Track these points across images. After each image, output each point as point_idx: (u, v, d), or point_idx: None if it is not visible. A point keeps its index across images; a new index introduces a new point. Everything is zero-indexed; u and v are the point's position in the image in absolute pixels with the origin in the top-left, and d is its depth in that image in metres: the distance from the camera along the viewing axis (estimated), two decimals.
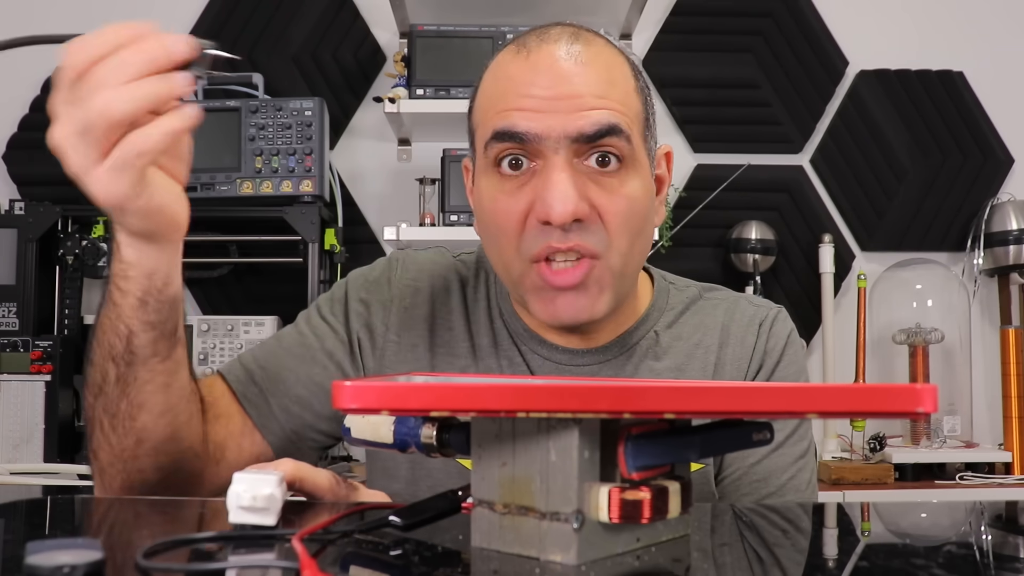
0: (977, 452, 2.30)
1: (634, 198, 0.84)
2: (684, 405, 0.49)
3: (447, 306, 0.97)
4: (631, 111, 0.85)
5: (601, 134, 0.81)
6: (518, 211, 0.83)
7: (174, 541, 0.55)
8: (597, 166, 0.82)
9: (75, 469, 1.93)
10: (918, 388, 0.48)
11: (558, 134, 0.81)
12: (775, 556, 0.57)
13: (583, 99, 0.81)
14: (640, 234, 0.86)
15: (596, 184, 0.82)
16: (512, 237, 0.84)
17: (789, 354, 0.97)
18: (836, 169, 2.57)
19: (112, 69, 0.64)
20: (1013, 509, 0.76)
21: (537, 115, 0.81)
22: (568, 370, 0.94)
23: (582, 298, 0.84)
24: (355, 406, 0.50)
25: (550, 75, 0.82)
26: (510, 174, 0.83)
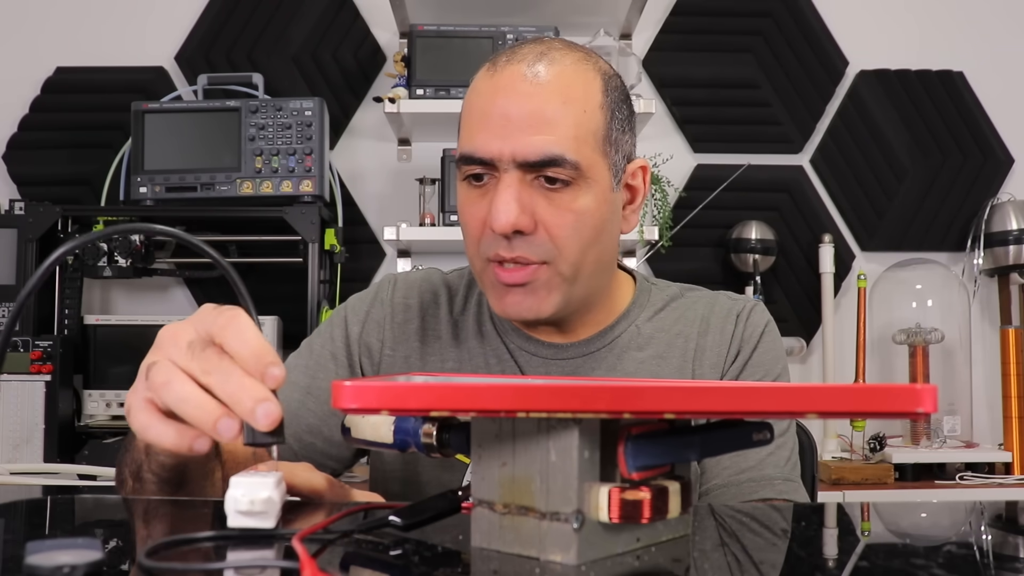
0: (977, 452, 2.30)
1: (583, 212, 0.90)
2: (684, 405, 0.49)
3: (436, 317, 1.04)
4: (584, 131, 0.90)
5: (543, 164, 0.88)
6: (479, 217, 0.92)
7: (175, 541, 0.55)
8: (546, 184, 0.89)
9: (75, 469, 1.93)
10: (918, 388, 0.48)
11: (508, 158, 0.88)
12: (775, 556, 0.58)
13: (532, 126, 0.88)
14: (593, 243, 0.92)
15: (545, 199, 0.90)
16: (475, 238, 0.93)
17: (766, 342, 1.02)
18: (836, 169, 2.57)
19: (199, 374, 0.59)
20: (1013, 509, 0.76)
21: (492, 139, 0.89)
22: (553, 364, 1.00)
23: (529, 297, 0.92)
24: (355, 406, 0.50)
25: (508, 98, 0.89)
26: (475, 185, 0.93)
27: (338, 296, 2.37)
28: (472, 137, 0.91)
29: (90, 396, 2.20)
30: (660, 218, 2.33)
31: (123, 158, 2.39)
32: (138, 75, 2.49)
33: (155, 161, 2.21)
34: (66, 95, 2.49)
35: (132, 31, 2.53)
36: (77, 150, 2.47)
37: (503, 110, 0.89)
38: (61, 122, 2.48)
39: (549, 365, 0.99)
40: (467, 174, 0.93)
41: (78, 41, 2.52)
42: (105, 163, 2.42)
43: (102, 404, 2.20)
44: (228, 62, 2.50)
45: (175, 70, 2.51)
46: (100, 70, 2.49)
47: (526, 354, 1.00)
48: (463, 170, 0.93)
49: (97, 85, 2.48)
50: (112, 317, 2.28)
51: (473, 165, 0.91)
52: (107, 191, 2.40)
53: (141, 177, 2.20)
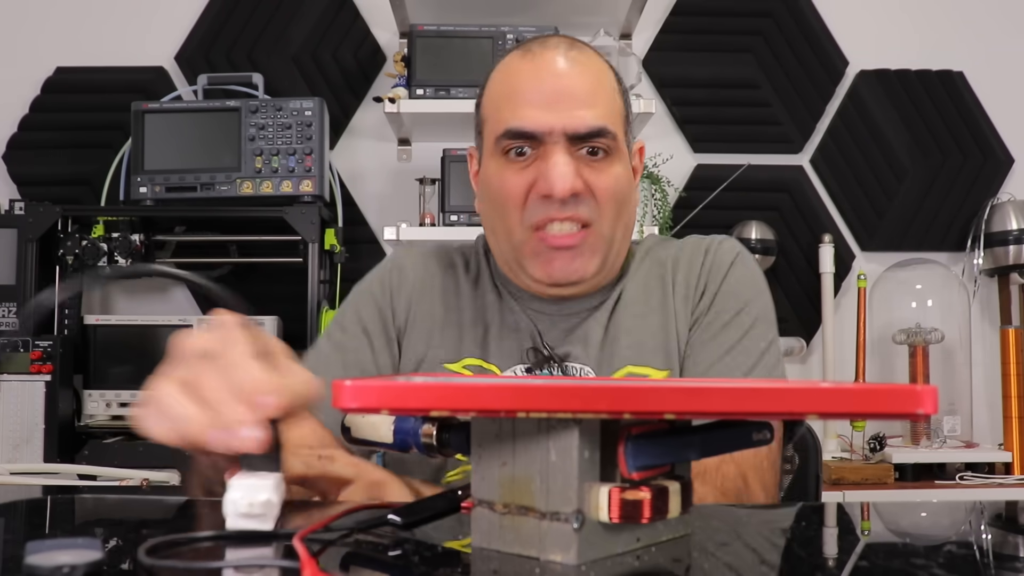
0: (977, 452, 2.30)
1: (618, 178, 1.01)
2: (684, 405, 0.49)
3: (454, 279, 1.10)
4: (616, 111, 1.01)
5: (592, 135, 0.98)
6: (523, 185, 0.98)
7: (175, 540, 0.55)
8: (588, 155, 0.99)
9: (75, 469, 1.93)
10: (918, 389, 0.48)
11: (559, 131, 0.97)
12: (775, 556, 0.58)
13: (578, 100, 0.97)
14: (624, 208, 1.02)
15: (588, 167, 0.99)
16: (517, 207, 0.99)
17: (737, 271, 1.06)
18: (836, 169, 2.57)
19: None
20: (1013, 509, 0.76)
21: (542, 115, 0.97)
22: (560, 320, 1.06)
23: (577, 258, 1.00)
24: (355, 406, 0.50)
25: (551, 77, 0.98)
26: (517, 159, 0.99)
27: (338, 296, 2.37)
28: (519, 113, 0.98)
29: (90, 396, 2.20)
30: (660, 218, 2.33)
31: (123, 158, 2.39)
32: (138, 75, 2.49)
33: (155, 161, 2.21)
34: (66, 95, 2.49)
35: (132, 31, 2.53)
36: (77, 150, 2.47)
37: (552, 87, 0.97)
38: (61, 122, 2.48)
39: (555, 320, 1.05)
40: (510, 148, 0.99)
41: (78, 41, 2.52)
42: (105, 163, 2.42)
43: (102, 404, 2.20)
44: (228, 62, 2.50)
45: (175, 70, 2.51)
46: (100, 70, 2.49)
47: (533, 311, 1.06)
48: (505, 144, 0.99)
49: (97, 85, 2.48)
50: (112, 317, 2.28)
51: (519, 140, 0.98)
52: (107, 191, 2.40)
53: (141, 177, 2.20)
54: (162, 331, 2.24)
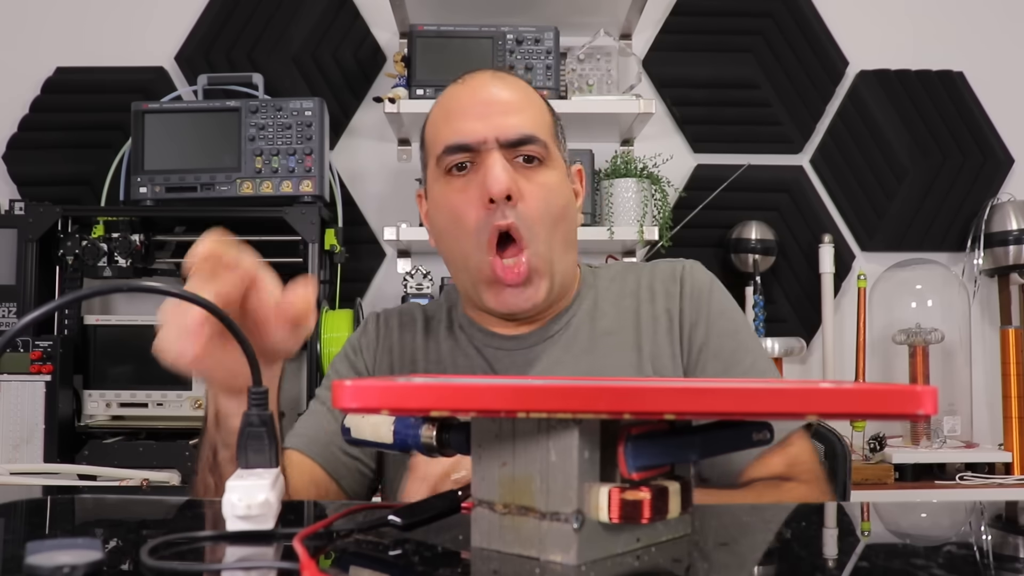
0: (977, 452, 2.30)
1: (551, 187, 1.04)
2: (684, 406, 0.49)
3: (412, 335, 1.16)
4: (545, 122, 1.07)
5: (521, 141, 1.03)
6: (469, 201, 1.02)
7: (176, 540, 0.55)
8: (523, 163, 1.04)
9: (75, 469, 1.93)
10: (918, 390, 0.48)
11: (492, 139, 1.02)
12: (775, 556, 0.58)
13: (507, 108, 1.04)
14: (561, 218, 1.05)
15: (523, 175, 1.03)
16: (469, 226, 1.02)
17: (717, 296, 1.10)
18: (836, 169, 2.57)
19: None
20: (1013, 509, 0.76)
21: (474, 124, 1.03)
22: (517, 353, 1.09)
23: (527, 289, 1.03)
24: (355, 406, 0.50)
25: (482, 92, 1.06)
26: (458, 175, 1.04)
27: (338, 296, 2.37)
28: (455, 129, 1.04)
29: (90, 396, 2.20)
30: (660, 218, 2.33)
31: (123, 158, 2.39)
32: (138, 75, 2.49)
33: (155, 161, 2.21)
34: (66, 95, 2.49)
35: (132, 31, 2.53)
36: (77, 150, 2.47)
37: (482, 100, 1.04)
38: (61, 122, 2.47)
39: (514, 355, 1.09)
40: (451, 165, 1.04)
41: (78, 41, 2.52)
42: (105, 163, 2.42)
43: (102, 404, 2.20)
44: (228, 62, 2.50)
45: (175, 70, 2.51)
46: (100, 70, 2.49)
47: (491, 348, 1.10)
48: (446, 162, 1.04)
49: (97, 85, 2.48)
50: (112, 317, 2.28)
51: (458, 154, 1.03)
52: (107, 191, 2.40)
53: (141, 177, 2.20)
54: None
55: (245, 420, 0.63)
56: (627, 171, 2.28)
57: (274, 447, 0.63)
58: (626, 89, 2.32)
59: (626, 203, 2.25)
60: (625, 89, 2.32)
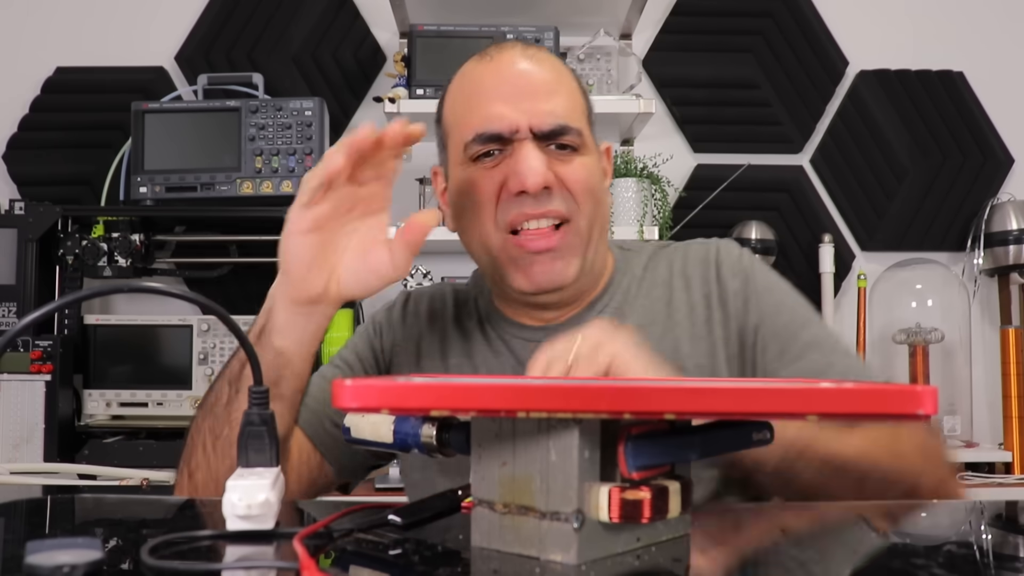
0: (977, 452, 2.30)
1: (590, 169, 0.99)
2: (684, 405, 0.49)
3: (444, 319, 1.10)
4: (579, 108, 1.00)
5: (556, 133, 0.96)
6: (494, 184, 0.96)
7: (176, 540, 0.55)
8: (557, 150, 0.97)
9: (75, 469, 1.93)
10: (918, 390, 0.48)
11: (525, 128, 0.95)
12: (774, 556, 0.58)
13: (540, 95, 0.96)
14: (599, 203, 1.00)
15: (557, 160, 0.96)
16: (489, 208, 0.96)
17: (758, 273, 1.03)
18: (836, 169, 2.57)
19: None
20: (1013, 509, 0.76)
21: (506, 112, 0.95)
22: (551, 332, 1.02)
23: (557, 262, 0.96)
24: (355, 405, 0.50)
25: (512, 77, 0.97)
26: (484, 163, 0.97)
27: None
28: (484, 115, 0.96)
29: (90, 396, 2.20)
30: (660, 218, 2.33)
31: (123, 158, 2.39)
32: (138, 75, 2.49)
33: (155, 161, 2.21)
34: (66, 95, 2.49)
35: (132, 31, 2.52)
36: (77, 150, 2.47)
37: (513, 85, 0.96)
38: (61, 122, 2.47)
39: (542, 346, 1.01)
40: (479, 153, 0.97)
41: (78, 41, 2.51)
42: (105, 163, 2.42)
43: (102, 404, 2.20)
44: (228, 62, 2.50)
45: (175, 70, 2.51)
46: (100, 70, 2.49)
47: (519, 340, 1.03)
48: (474, 150, 0.97)
49: (97, 85, 2.48)
50: (112, 317, 2.28)
51: (488, 143, 0.96)
52: (107, 191, 2.40)
53: (141, 177, 2.20)
54: (162, 331, 2.24)
55: (245, 419, 0.63)
56: (627, 171, 2.28)
57: (274, 446, 0.63)
58: (626, 89, 2.32)
59: (626, 203, 2.25)
60: (625, 89, 2.32)
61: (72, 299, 0.58)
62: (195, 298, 0.63)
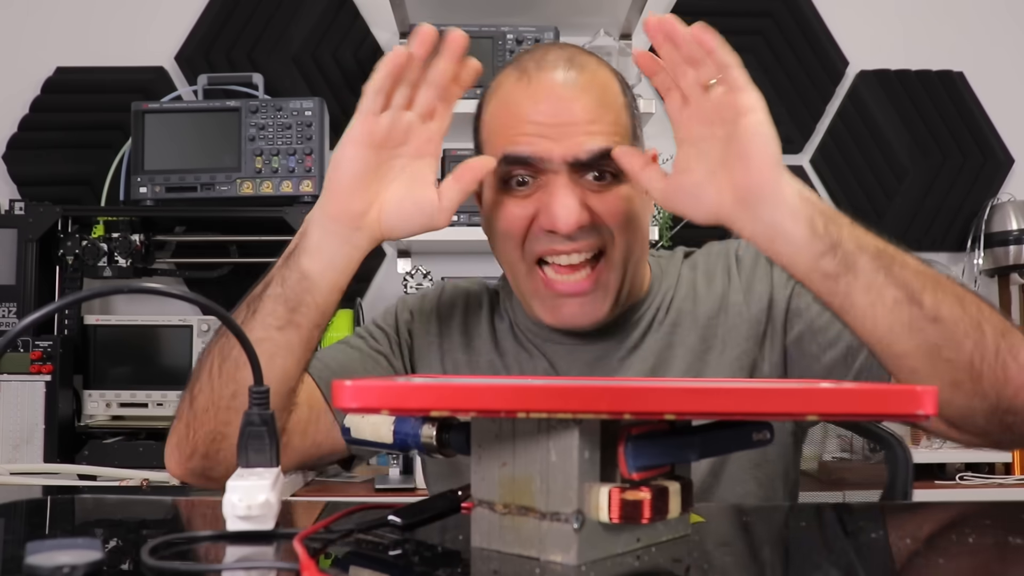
0: (977, 452, 2.30)
1: (629, 199, 0.93)
2: (684, 406, 0.49)
3: (477, 317, 1.07)
4: (621, 129, 0.94)
5: (595, 160, 0.90)
6: (524, 216, 0.92)
7: (177, 540, 0.55)
8: (594, 180, 0.92)
9: (75, 469, 1.93)
10: (918, 390, 0.49)
11: (560, 159, 0.89)
12: (775, 556, 0.58)
13: (579, 126, 0.90)
14: (638, 229, 0.95)
15: (594, 193, 0.91)
16: (517, 239, 0.93)
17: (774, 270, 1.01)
18: (836, 169, 2.57)
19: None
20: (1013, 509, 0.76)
21: (541, 141, 0.90)
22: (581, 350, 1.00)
23: (587, 305, 0.93)
24: (355, 406, 0.50)
25: (549, 102, 0.91)
26: (517, 189, 0.93)
27: None
28: (517, 139, 0.91)
29: (90, 396, 2.20)
30: (660, 218, 2.33)
31: (123, 158, 2.39)
32: (138, 75, 2.49)
33: (155, 161, 2.21)
34: (66, 95, 2.49)
35: (132, 31, 2.52)
36: (77, 150, 2.47)
37: (549, 115, 0.90)
38: (61, 122, 2.47)
39: (576, 351, 1.00)
40: (510, 176, 0.92)
41: (78, 41, 2.51)
42: (105, 163, 2.42)
43: (102, 404, 2.20)
44: (228, 62, 2.50)
45: (175, 70, 2.51)
46: (100, 70, 2.49)
47: (551, 344, 1.01)
48: (504, 171, 0.92)
49: (97, 85, 2.48)
50: (112, 317, 2.28)
51: (518, 168, 0.91)
52: (107, 191, 2.40)
53: (141, 177, 2.20)
54: (162, 331, 2.23)
55: (245, 419, 0.63)
56: None
57: (275, 446, 0.63)
58: None
59: None
60: None
61: (72, 300, 0.58)
62: (195, 298, 0.63)
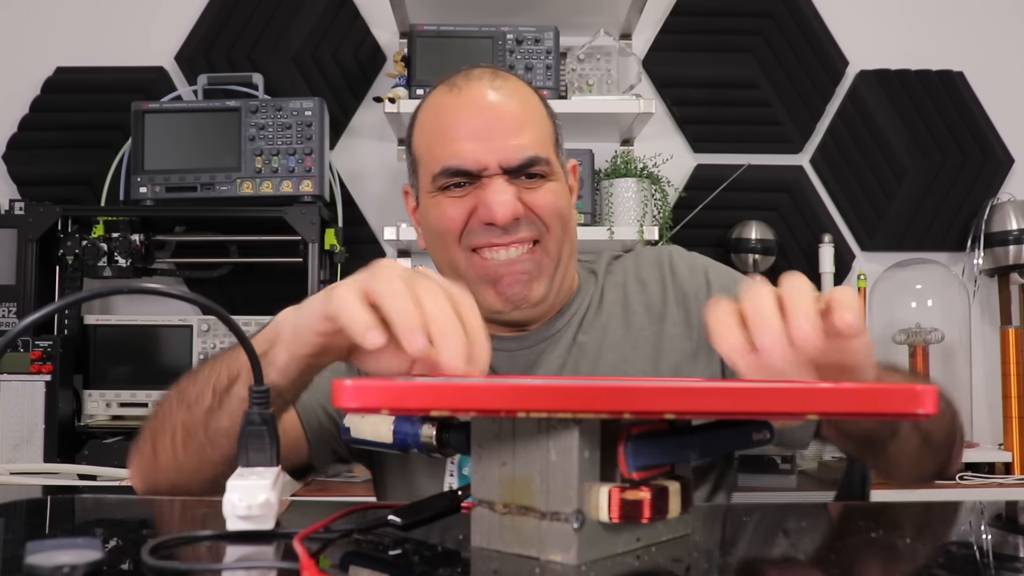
0: (977, 452, 2.30)
1: (558, 194, 1.03)
2: (684, 405, 0.49)
3: None
4: (546, 135, 1.03)
5: (525, 165, 0.99)
6: (462, 211, 1.00)
7: (177, 540, 0.55)
8: (526, 179, 1.00)
9: (75, 469, 1.93)
10: (919, 389, 0.49)
11: (495, 165, 0.98)
12: (775, 556, 0.58)
13: (509, 130, 0.99)
14: (567, 226, 1.03)
15: (527, 190, 1.00)
16: (455, 233, 1.00)
17: (711, 269, 1.09)
18: (836, 169, 2.57)
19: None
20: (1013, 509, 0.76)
21: (474, 149, 0.98)
22: (519, 354, 1.06)
23: (525, 276, 1.00)
24: (355, 405, 0.50)
25: (479, 109, 1.00)
26: (455, 192, 1.01)
27: None
28: (452, 151, 0.99)
29: (90, 396, 2.20)
30: (660, 218, 2.33)
31: (123, 158, 2.39)
32: (138, 75, 2.49)
33: (155, 161, 2.21)
34: (66, 95, 2.49)
35: (132, 31, 2.52)
36: (77, 150, 2.47)
37: (481, 120, 0.99)
38: (61, 122, 2.47)
39: (515, 356, 1.06)
40: (447, 185, 1.00)
41: (78, 41, 2.51)
42: (105, 163, 2.42)
43: (102, 404, 2.20)
44: (228, 62, 2.50)
45: (175, 70, 2.51)
46: (100, 70, 2.49)
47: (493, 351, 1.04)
48: (441, 182, 1.00)
49: (97, 85, 2.48)
50: (112, 317, 2.28)
51: (456, 177, 0.99)
52: (107, 191, 2.40)
53: (141, 177, 2.20)
54: (162, 331, 2.23)
55: (246, 419, 0.63)
56: (627, 171, 2.28)
57: (275, 446, 0.63)
58: (626, 89, 2.32)
59: (626, 203, 2.25)
60: (625, 89, 2.32)
61: (72, 300, 0.58)
62: (195, 299, 0.63)
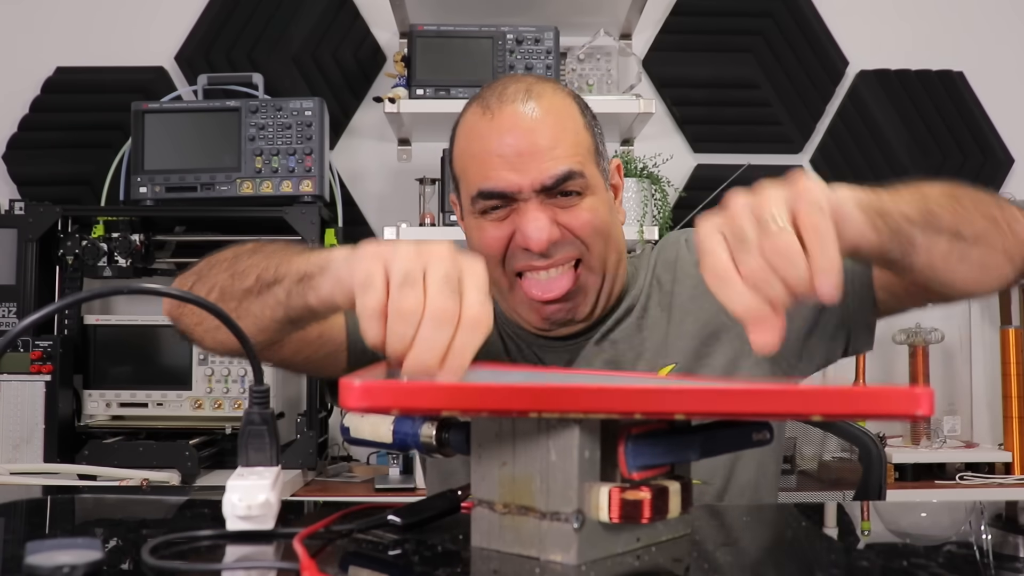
0: (977, 452, 2.30)
1: (595, 211, 1.01)
2: (685, 406, 0.49)
3: None
4: (583, 149, 1.02)
5: (560, 182, 0.99)
6: (502, 237, 1.00)
7: (176, 540, 0.55)
8: (562, 197, 1.00)
9: (75, 469, 1.93)
10: (916, 391, 0.49)
11: (528, 187, 0.98)
12: (775, 556, 0.58)
13: (543, 153, 0.98)
14: (609, 236, 1.03)
15: (563, 209, 1.00)
16: (497, 258, 1.01)
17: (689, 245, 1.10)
18: (836, 169, 2.57)
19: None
20: (1013, 509, 0.76)
21: (510, 175, 0.98)
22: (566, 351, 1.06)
23: (568, 304, 1.01)
24: (364, 405, 0.50)
25: (513, 134, 0.99)
26: (493, 214, 1.01)
27: None
28: (486, 175, 0.99)
29: (90, 396, 2.20)
30: (660, 218, 2.33)
31: (123, 158, 2.39)
32: (138, 75, 2.49)
33: (155, 161, 2.21)
34: (66, 95, 2.49)
35: (132, 31, 2.52)
36: (77, 150, 2.47)
37: (515, 147, 0.98)
38: (61, 122, 2.47)
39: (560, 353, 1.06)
40: (485, 208, 1.01)
41: (78, 41, 2.51)
42: (105, 163, 2.42)
43: (102, 404, 2.20)
44: (228, 62, 2.50)
45: (175, 70, 2.51)
46: (100, 70, 2.49)
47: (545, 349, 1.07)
48: (480, 205, 1.00)
49: (97, 85, 2.48)
50: (112, 317, 2.28)
51: (492, 200, 1.00)
52: (107, 191, 2.40)
53: (141, 177, 2.20)
54: (162, 331, 2.23)
55: (246, 419, 0.63)
56: (627, 171, 2.28)
57: (275, 446, 0.63)
58: (626, 89, 2.32)
59: (626, 203, 2.25)
60: (625, 89, 2.32)
61: (73, 300, 0.58)
62: (195, 299, 0.63)
